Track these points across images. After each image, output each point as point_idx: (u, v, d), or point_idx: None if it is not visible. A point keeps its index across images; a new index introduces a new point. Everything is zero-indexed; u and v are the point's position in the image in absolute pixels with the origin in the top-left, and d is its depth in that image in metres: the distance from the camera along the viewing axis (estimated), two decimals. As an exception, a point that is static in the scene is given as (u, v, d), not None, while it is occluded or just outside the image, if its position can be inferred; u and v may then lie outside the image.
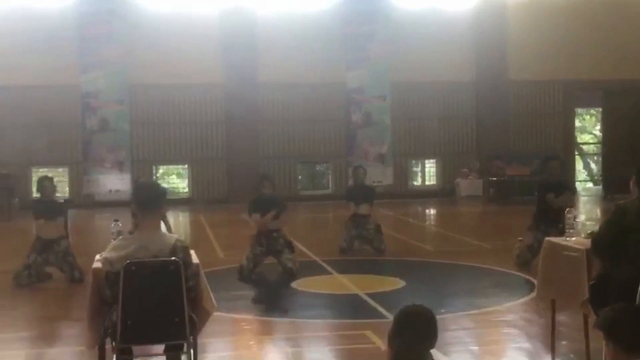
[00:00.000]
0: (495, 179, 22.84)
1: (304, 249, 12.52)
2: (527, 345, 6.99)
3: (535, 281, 7.49)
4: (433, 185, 25.08)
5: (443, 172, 24.72)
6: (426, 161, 25.39)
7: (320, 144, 23.83)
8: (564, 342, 6.79)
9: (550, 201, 10.45)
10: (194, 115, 22.91)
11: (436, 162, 25.07)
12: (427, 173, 25.60)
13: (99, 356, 5.53)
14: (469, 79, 24.01)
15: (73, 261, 10.18)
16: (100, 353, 5.52)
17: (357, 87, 23.39)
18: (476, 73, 24.09)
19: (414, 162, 25.35)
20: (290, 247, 10.24)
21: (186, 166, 23.87)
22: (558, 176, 11.04)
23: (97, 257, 5.62)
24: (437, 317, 3.40)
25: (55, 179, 11.67)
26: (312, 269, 10.99)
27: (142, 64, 21.89)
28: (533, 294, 8.10)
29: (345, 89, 23.33)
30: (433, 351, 3.31)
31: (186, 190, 23.97)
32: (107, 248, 5.37)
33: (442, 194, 23.94)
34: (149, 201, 5.36)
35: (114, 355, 5.19)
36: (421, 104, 23.79)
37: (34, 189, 22.53)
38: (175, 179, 25.17)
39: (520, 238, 10.75)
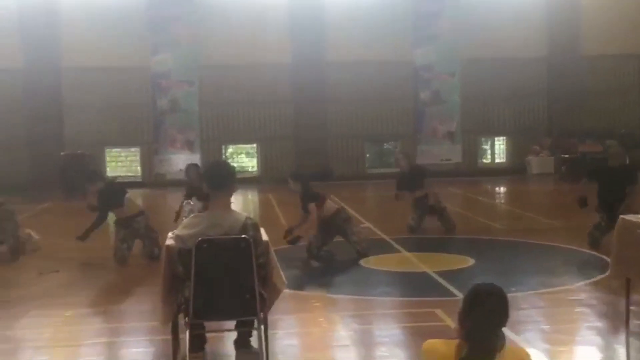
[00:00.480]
0: (567, 156, 22.39)
1: (372, 227, 12.53)
2: (599, 324, 6.87)
3: (608, 260, 7.35)
4: (503, 162, 24.74)
5: (513, 149, 24.36)
6: (496, 139, 25.06)
7: (388, 122, 23.74)
8: (638, 322, 6.65)
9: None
10: (262, 95, 23.04)
11: (506, 140, 24.72)
12: (497, 150, 25.27)
13: (172, 331, 5.66)
14: (541, 55, 23.55)
15: (155, 237, 10.40)
16: (173, 328, 5.64)
17: (426, 64, 23.19)
18: (548, 48, 23.61)
19: (483, 139, 25.04)
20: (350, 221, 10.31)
21: (255, 145, 24.06)
22: (620, 161, 10.70)
23: (170, 234, 5.74)
24: (508, 295, 3.38)
25: (127, 159, 11.94)
26: (381, 247, 11.00)
27: (211, 44, 22.12)
28: (606, 273, 7.95)
29: (414, 66, 23.14)
30: (504, 330, 3.29)
31: (255, 169, 24.18)
32: (179, 226, 5.48)
33: (512, 171, 23.62)
34: (219, 180, 5.44)
35: (187, 331, 5.30)
36: (491, 81, 23.44)
37: (108, 168, 23.18)
38: (244, 158, 25.42)
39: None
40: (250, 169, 24.48)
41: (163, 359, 5.93)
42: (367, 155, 24.77)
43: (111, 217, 10.80)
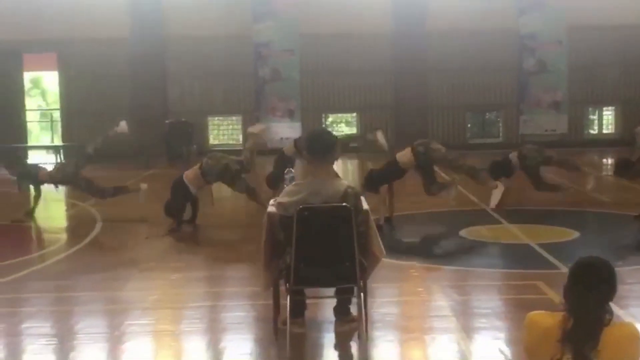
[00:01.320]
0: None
1: (474, 198, 12.38)
2: None
3: None
4: (611, 133, 23.95)
5: (622, 120, 23.52)
6: (604, 109, 24.25)
7: (490, 92, 23.29)
8: None
9: None
10: (363, 64, 22.94)
11: (615, 110, 23.89)
12: (605, 121, 24.47)
13: (273, 297, 5.76)
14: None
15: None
16: (274, 294, 5.75)
17: (530, 32, 22.59)
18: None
19: (590, 109, 24.28)
20: None
21: (355, 114, 24.06)
22: None
23: (271, 201, 5.82)
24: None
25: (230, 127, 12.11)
26: (482, 217, 10.87)
27: (312, 13, 22.13)
28: None
29: (518, 34, 22.58)
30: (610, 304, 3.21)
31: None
32: (281, 193, 5.56)
33: (621, 142, 22.81)
34: (321, 149, 5.47)
35: (288, 297, 5.39)
36: (600, 49, 22.61)
37: (210, 136, 23.65)
38: (344, 127, 25.45)
39: None
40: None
41: (263, 323, 6.05)
42: (469, 125, 24.41)
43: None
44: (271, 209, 5.65)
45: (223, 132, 24.68)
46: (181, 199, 10.53)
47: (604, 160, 20.60)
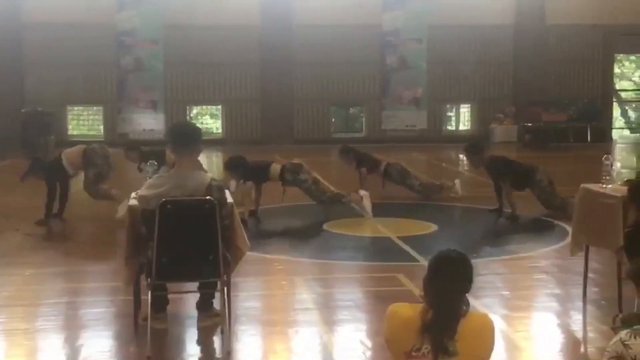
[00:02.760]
0: (531, 124, 22.57)
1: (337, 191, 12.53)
2: (558, 291, 6.98)
3: (568, 228, 7.45)
4: (467, 130, 24.87)
5: (478, 117, 24.48)
6: (461, 106, 25.15)
7: (354, 87, 23.68)
8: (595, 289, 6.77)
9: None
10: (229, 56, 22.80)
11: (471, 107, 24.83)
12: (462, 118, 25.39)
13: (134, 292, 5.64)
14: (508, 22, 23.60)
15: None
16: (135, 289, 5.62)
17: (393, 29, 23.12)
18: (515, 16, 23.66)
19: (448, 106, 25.12)
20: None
21: (220, 107, 23.89)
22: None
23: (133, 194, 5.68)
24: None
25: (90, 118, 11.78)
26: (345, 211, 11.02)
27: (177, 3, 21.82)
28: (566, 241, 8.07)
29: (381, 31, 23.06)
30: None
31: (219, 130, 24.03)
32: (142, 186, 5.43)
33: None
34: (184, 141, 5.39)
35: (149, 292, 5.28)
36: (457, 48, 23.44)
37: (69, 126, 22.86)
38: (208, 120, 25.23)
39: None
40: (214, 131, 24.31)
41: (123, 319, 5.90)
42: (333, 119, 24.73)
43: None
44: (133, 202, 5.52)
45: (83, 123, 23.93)
46: (54, 178, 10.12)
47: (461, 156, 21.36)
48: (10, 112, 20.79)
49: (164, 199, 5.10)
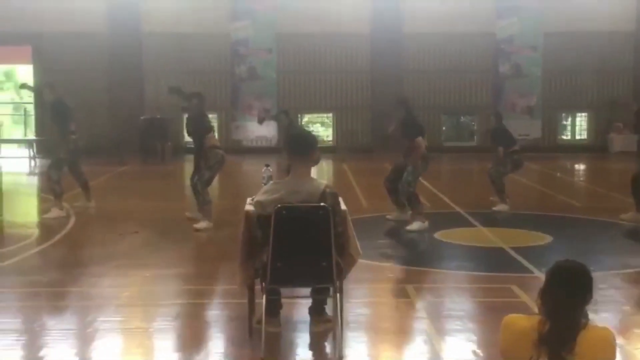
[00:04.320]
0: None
1: (448, 201, 12.46)
2: (682, 308, 6.70)
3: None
4: (584, 139, 24.18)
5: (595, 126, 23.77)
6: (577, 114, 24.48)
7: (466, 95, 23.42)
8: None
9: None
10: (340, 64, 22.98)
11: (588, 116, 24.13)
12: (578, 126, 24.70)
13: (248, 295, 5.75)
14: (628, 29, 22.83)
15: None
16: (250, 292, 5.73)
17: (507, 37, 22.76)
18: (636, 22, 22.86)
19: (564, 115, 24.50)
20: None
21: (331, 115, 24.07)
22: None
23: (249, 200, 5.80)
24: (590, 273, 3.32)
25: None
26: (457, 220, 10.92)
27: (290, 12, 22.14)
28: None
29: (495, 39, 22.73)
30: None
31: (330, 138, 24.21)
32: (259, 192, 5.54)
33: (593, 149, 23.07)
34: (300, 148, 5.47)
35: (263, 296, 5.38)
36: (574, 55, 22.83)
37: (185, 133, 23.51)
38: (319, 128, 25.46)
39: None
40: (325, 139, 24.51)
41: (239, 322, 6.03)
42: (444, 127, 24.53)
43: None
44: (249, 207, 5.64)
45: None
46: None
47: (576, 166, 20.81)
48: (131, 119, 21.59)
49: (279, 205, 5.20)
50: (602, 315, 6.15)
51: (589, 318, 3.23)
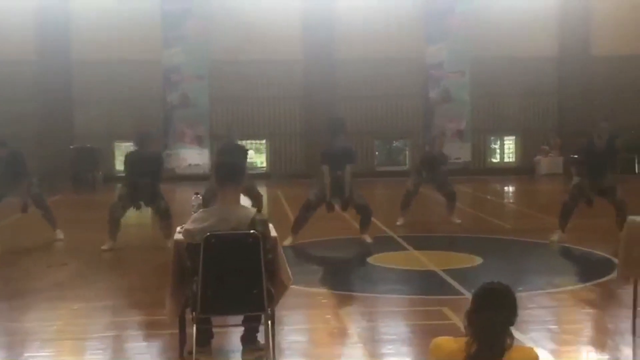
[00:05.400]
0: (576, 156, 22.22)
1: (380, 225, 12.54)
2: (607, 325, 6.86)
3: (616, 260, 7.32)
4: (512, 162, 24.69)
5: (522, 149, 24.30)
6: (505, 138, 25.01)
7: (398, 120, 23.71)
8: (645, 323, 6.63)
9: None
10: (273, 91, 23.05)
11: (515, 139, 24.67)
12: (506, 150, 25.23)
13: (179, 325, 5.67)
14: (552, 55, 23.50)
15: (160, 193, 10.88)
16: (180, 323, 5.66)
17: (436, 62, 23.15)
18: (559, 48, 23.56)
19: (492, 138, 24.99)
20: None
21: (264, 141, 24.08)
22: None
23: (178, 229, 5.75)
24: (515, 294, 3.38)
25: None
26: (389, 244, 11.00)
27: (223, 39, 22.16)
28: (614, 274, 7.93)
29: (424, 64, 23.11)
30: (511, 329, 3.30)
31: (264, 165, 24.20)
32: (188, 220, 5.49)
33: (521, 171, 23.57)
34: (228, 175, 5.45)
35: (194, 325, 5.31)
36: (501, 80, 23.38)
37: (117, 162, 23.24)
38: (253, 154, 25.42)
39: None
40: (259, 165, 24.49)
41: (170, 352, 5.94)
42: (377, 152, 24.76)
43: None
44: (178, 236, 5.58)
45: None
46: None
47: (505, 188, 21.21)
48: (61, 148, 21.22)
49: (208, 233, 5.16)
50: (530, 335, 6.26)
51: (515, 338, 3.28)
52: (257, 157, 25.10)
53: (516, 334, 3.31)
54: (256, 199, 12.54)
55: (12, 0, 21.97)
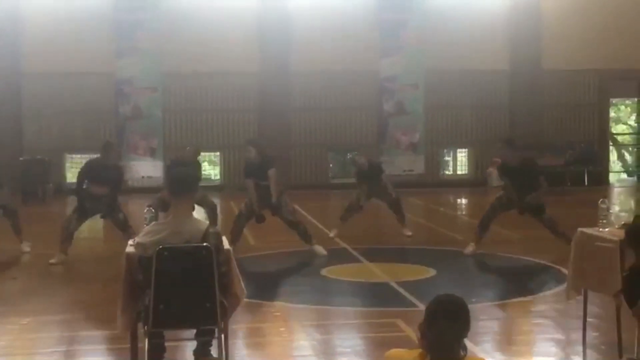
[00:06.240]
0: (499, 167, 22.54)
1: (334, 237, 12.54)
2: (558, 335, 6.95)
3: (566, 271, 7.43)
4: (465, 174, 24.94)
5: (475, 161, 24.57)
6: (458, 150, 25.25)
7: (352, 132, 23.79)
8: (595, 334, 6.73)
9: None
10: (227, 103, 22.96)
11: (468, 152, 24.93)
12: (459, 162, 25.47)
13: (130, 340, 5.59)
14: (503, 68, 23.80)
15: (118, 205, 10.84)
16: (132, 337, 5.58)
17: (390, 75, 23.28)
18: (510, 62, 23.89)
19: (445, 151, 25.22)
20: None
21: (218, 153, 23.96)
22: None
23: (130, 242, 5.69)
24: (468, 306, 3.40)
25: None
26: (342, 256, 11.01)
27: (176, 51, 21.99)
28: (564, 285, 8.04)
29: (378, 77, 23.25)
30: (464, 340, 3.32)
31: (218, 177, 24.08)
32: (140, 233, 5.44)
33: (474, 183, 23.81)
34: (181, 187, 5.42)
35: (146, 339, 5.25)
36: (454, 93, 23.62)
37: (68, 174, 22.93)
38: (206, 166, 25.28)
39: None
40: (212, 177, 24.35)
41: (121, 367, 5.86)
42: (331, 165, 24.81)
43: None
44: (130, 249, 5.52)
45: (81, 170, 23.95)
46: None
47: (459, 200, 21.41)
48: (10, 160, 20.84)
49: (160, 246, 5.11)
50: (482, 346, 6.31)
51: (468, 349, 3.30)
52: (211, 170, 24.98)
53: (468, 345, 3.33)
54: (211, 209, 12.47)
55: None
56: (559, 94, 24.07)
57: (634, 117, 29.03)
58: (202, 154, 24.37)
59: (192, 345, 5.83)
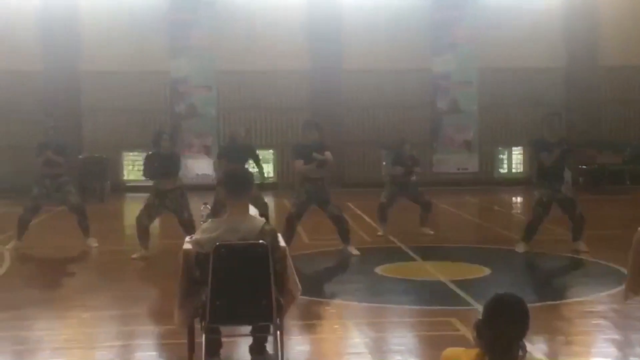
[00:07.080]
0: (585, 167, 22.25)
1: (389, 235, 12.52)
2: (616, 336, 6.83)
3: (625, 271, 7.30)
4: (520, 173, 24.64)
5: (531, 160, 24.23)
6: (513, 149, 24.96)
7: (405, 130, 23.66)
8: (655, 335, 6.61)
9: (545, 159, 10.73)
10: (280, 101, 23.06)
11: (524, 150, 24.61)
12: (514, 161, 25.18)
13: (188, 335, 5.67)
14: (559, 65, 23.44)
15: (185, 203, 10.85)
16: (189, 332, 5.66)
17: (444, 73, 23.15)
18: (566, 59, 23.51)
19: (500, 149, 24.96)
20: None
21: (271, 151, 24.09)
22: (557, 133, 11.06)
23: (187, 239, 5.77)
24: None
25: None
26: (397, 255, 10.99)
27: (230, 50, 22.17)
28: (623, 285, 7.90)
29: (432, 75, 23.12)
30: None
31: (272, 175, 24.21)
32: (197, 230, 5.50)
33: (529, 182, 23.49)
34: (237, 186, 5.47)
35: (203, 335, 5.32)
36: (509, 91, 23.34)
37: (125, 172, 23.30)
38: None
39: None
40: (266, 175, 24.45)
41: (178, 362, 5.94)
42: (384, 163, 24.72)
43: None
44: (187, 246, 5.60)
45: (139, 168, 24.30)
46: None
47: (513, 198, 21.17)
48: (70, 158, 21.24)
49: (217, 243, 5.17)
50: (539, 346, 6.24)
51: (527, 350, 3.26)
52: (265, 168, 25.08)
53: (526, 344, 3.30)
54: (262, 209, 12.53)
55: (19, 12, 22.05)
56: (616, 91, 23.61)
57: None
58: (257, 151, 24.67)
59: (247, 341, 5.88)
